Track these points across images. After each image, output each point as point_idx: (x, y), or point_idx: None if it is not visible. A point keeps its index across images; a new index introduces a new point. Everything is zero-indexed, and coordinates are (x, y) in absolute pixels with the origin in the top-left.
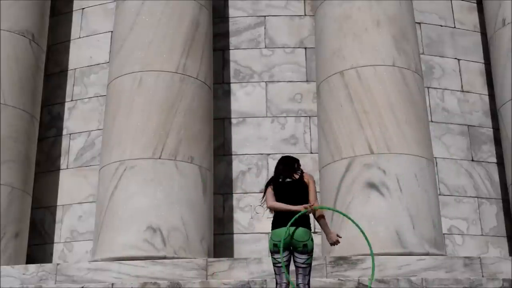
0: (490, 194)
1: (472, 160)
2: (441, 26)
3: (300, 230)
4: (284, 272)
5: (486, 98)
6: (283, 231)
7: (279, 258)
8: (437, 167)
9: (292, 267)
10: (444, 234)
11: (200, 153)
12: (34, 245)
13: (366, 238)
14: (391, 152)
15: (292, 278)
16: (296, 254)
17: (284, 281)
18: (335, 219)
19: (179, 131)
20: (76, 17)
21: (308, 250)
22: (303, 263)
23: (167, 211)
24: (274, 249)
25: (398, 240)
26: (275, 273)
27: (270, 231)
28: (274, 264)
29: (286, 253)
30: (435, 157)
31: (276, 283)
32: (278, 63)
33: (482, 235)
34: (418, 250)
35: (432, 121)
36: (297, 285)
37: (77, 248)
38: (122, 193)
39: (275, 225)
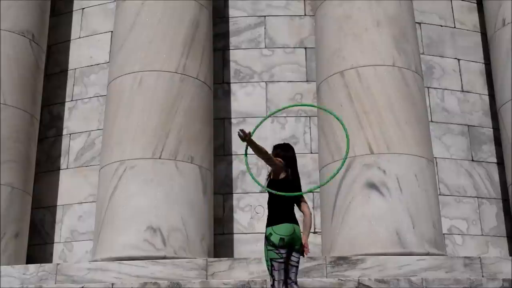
0: (490, 194)
1: (472, 160)
2: (441, 26)
3: (298, 228)
4: (283, 269)
5: (486, 98)
6: (289, 227)
7: (284, 254)
8: (437, 167)
9: None
10: (444, 234)
11: (200, 153)
12: (34, 245)
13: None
14: (391, 152)
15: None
16: (293, 253)
17: (282, 277)
18: (335, 219)
19: (179, 131)
20: (76, 17)
21: (300, 249)
22: (297, 262)
23: (167, 211)
24: (280, 244)
25: (398, 240)
26: (274, 269)
27: (270, 226)
28: (275, 259)
29: (286, 250)
30: (435, 157)
31: (274, 280)
32: (278, 63)
33: (482, 235)
34: (418, 250)
35: (432, 121)
36: (290, 284)
37: (77, 248)
38: (122, 193)
39: (279, 219)
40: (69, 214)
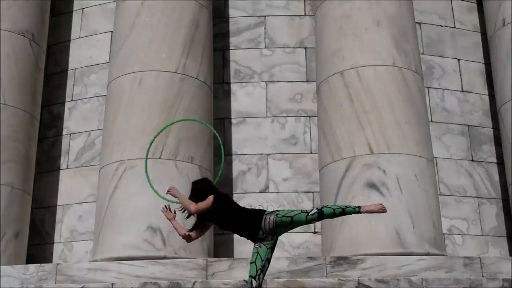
0: (490, 194)
1: (472, 160)
2: (441, 26)
3: None
4: None
5: (486, 98)
6: None
7: None
8: (437, 167)
9: None
10: (444, 234)
11: (200, 153)
12: (34, 245)
13: None
14: (391, 152)
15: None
16: None
17: None
18: (335, 219)
19: (179, 131)
20: (76, 17)
21: None
22: None
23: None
24: None
25: (398, 240)
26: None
27: None
28: None
29: None
30: (435, 157)
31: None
32: (278, 63)
33: (482, 235)
34: (418, 250)
35: (432, 121)
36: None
37: (77, 248)
38: (122, 193)
39: None
40: (69, 214)
